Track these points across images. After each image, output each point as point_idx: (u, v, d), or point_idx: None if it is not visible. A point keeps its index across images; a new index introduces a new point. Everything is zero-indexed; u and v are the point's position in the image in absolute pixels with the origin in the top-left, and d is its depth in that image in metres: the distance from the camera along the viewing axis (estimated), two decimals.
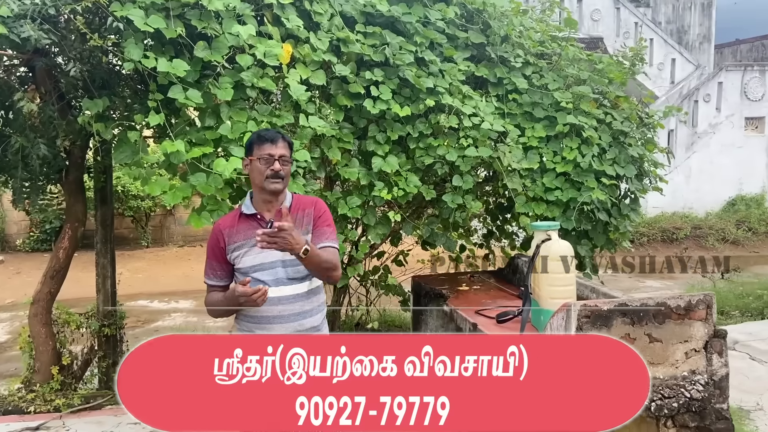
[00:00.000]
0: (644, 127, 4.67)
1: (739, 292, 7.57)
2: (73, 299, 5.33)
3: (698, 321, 2.58)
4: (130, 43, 3.07)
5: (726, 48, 20.59)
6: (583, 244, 4.34)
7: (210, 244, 2.47)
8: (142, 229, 12.44)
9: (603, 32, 14.01)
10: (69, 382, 4.43)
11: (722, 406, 2.59)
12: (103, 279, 4.70)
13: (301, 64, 3.60)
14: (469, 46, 4.37)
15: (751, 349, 5.52)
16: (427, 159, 3.95)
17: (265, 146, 2.38)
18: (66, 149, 4.04)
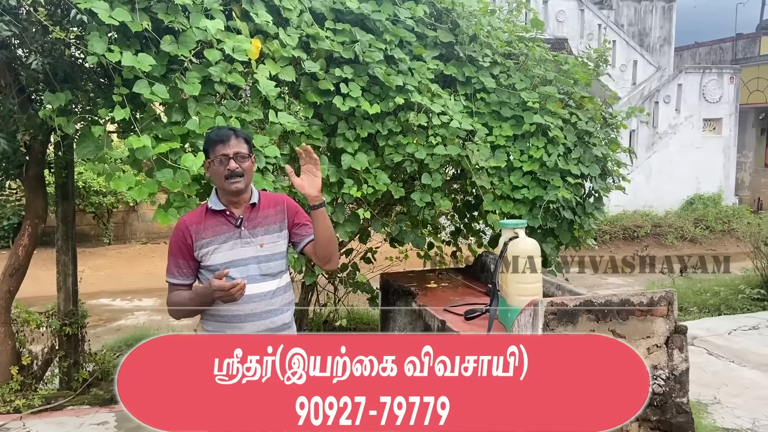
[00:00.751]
0: (608, 127, 4.77)
1: (697, 289, 7.80)
2: (33, 298, 5.19)
3: (660, 317, 2.65)
4: (93, 36, 3.00)
5: (685, 51, 21.12)
6: (549, 241, 4.42)
7: (174, 241, 2.39)
8: (104, 225, 12.17)
9: (568, 33, 14.22)
10: (29, 383, 4.32)
11: (682, 400, 2.67)
12: (64, 277, 4.58)
13: (270, 60, 3.57)
14: (438, 44, 4.40)
15: (708, 345, 5.69)
16: (397, 157, 3.97)
17: (217, 147, 2.33)
18: (26, 144, 3.93)
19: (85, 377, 4.54)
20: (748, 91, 16.95)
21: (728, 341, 5.80)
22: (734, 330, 6.13)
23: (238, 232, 2.36)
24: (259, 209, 2.42)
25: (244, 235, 2.36)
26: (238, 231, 2.36)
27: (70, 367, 4.54)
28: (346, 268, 5.20)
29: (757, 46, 18.73)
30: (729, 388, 4.69)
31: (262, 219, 2.41)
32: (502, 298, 3.27)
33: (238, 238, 2.36)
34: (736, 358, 5.35)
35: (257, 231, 2.38)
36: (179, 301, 2.38)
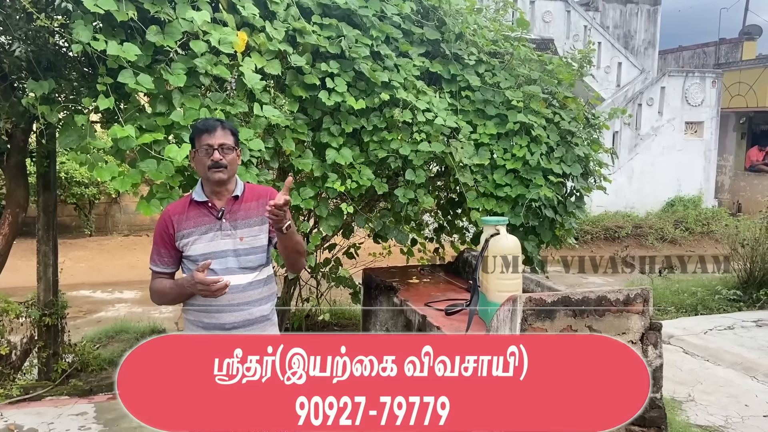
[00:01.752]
0: (590, 127, 4.83)
1: (675, 289, 7.91)
2: (11, 288, 5.14)
3: (636, 314, 2.70)
4: (79, 25, 2.99)
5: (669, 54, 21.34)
6: (530, 239, 4.46)
7: (158, 230, 2.42)
8: (85, 217, 12.05)
9: (554, 34, 14.31)
10: (7, 373, 4.30)
11: (656, 396, 2.72)
12: (44, 267, 4.55)
13: (256, 53, 3.58)
14: (424, 42, 4.42)
15: (684, 343, 5.79)
16: (381, 152, 3.99)
17: (203, 137, 2.35)
18: (8, 132, 3.89)
19: (64, 368, 4.52)
20: (730, 95, 17.18)
21: (704, 340, 5.90)
22: (710, 330, 6.24)
23: (219, 224, 2.37)
24: (241, 202, 2.42)
25: (225, 227, 2.37)
26: (219, 223, 2.37)
27: (49, 357, 4.52)
28: (329, 262, 5.22)
29: (739, 51, 18.98)
30: (703, 386, 4.78)
31: (244, 212, 2.41)
32: (482, 294, 3.31)
33: (218, 230, 2.37)
34: (711, 357, 5.45)
35: (238, 224, 2.39)
36: (161, 289, 2.41)
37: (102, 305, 8.02)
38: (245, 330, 2.38)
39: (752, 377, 5.00)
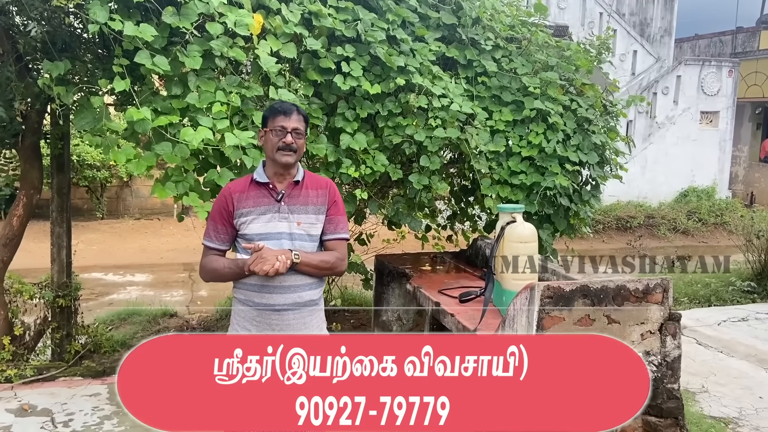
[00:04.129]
0: (608, 115, 4.77)
1: (688, 280, 7.85)
2: (25, 269, 5.17)
3: (655, 304, 2.67)
4: (95, 5, 2.96)
5: (685, 42, 21.09)
6: (545, 228, 4.43)
7: (217, 206, 2.44)
8: (97, 200, 12.11)
9: (569, 21, 14.14)
10: (21, 353, 4.32)
11: (674, 386, 2.70)
12: (58, 249, 4.56)
13: (272, 36, 3.54)
14: (440, 26, 4.37)
15: (698, 335, 5.74)
16: (396, 138, 3.95)
17: (278, 118, 2.37)
18: (23, 113, 3.89)
19: (77, 349, 4.54)
20: (746, 85, 16.98)
21: (717, 332, 5.86)
22: (724, 321, 6.19)
23: (277, 206, 2.40)
24: (301, 188, 2.44)
25: (283, 210, 2.40)
26: (278, 205, 2.40)
27: (63, 338, 4.54)
28: None
29: (756, 41, 18.72)
30: (717, 378, 4.75)
31: (303, 198, 2.43)
32: (497, 282, 3.29)
33: (276, 212, 2.39)
34: (724, 349, 5.41)
35: (296, 208, 2.41)
36: (217, 267, 2.42)
37: (114, 288, 8.07)
38: (294, 312, 2.40)
39: (766, 369, 4.95)
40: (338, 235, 2.48)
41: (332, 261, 2.45)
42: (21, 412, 3.76)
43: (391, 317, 4.50)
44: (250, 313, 2.41)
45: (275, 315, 2.37)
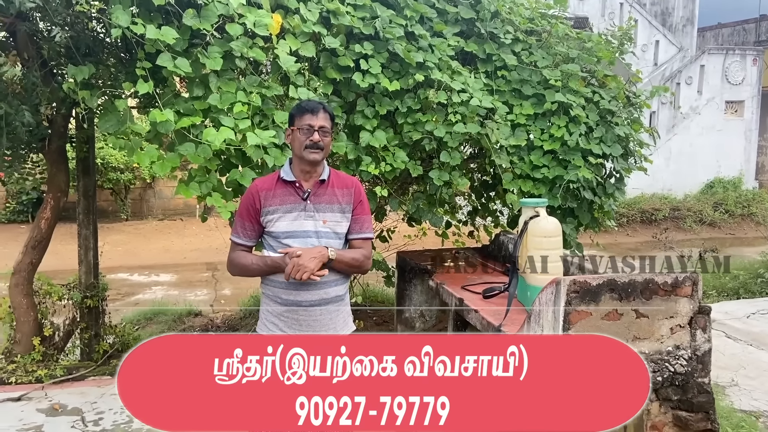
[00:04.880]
0: (631, 106, 4.70)
1: (716, 273, 7.73)
2: (53, 271, 5.26)
3: (684, 297, 2.63)
4: (117, 9, 3.00)
5: (708, 31, 20.72)
6: (569, 222, 4.38)
7: (244, 204, 2.48)
8: (121, 201, 12.29)
9: (588, 12, 13.99)
10: (51, 353, 4.40)
11: (704, 381, 2.65)
12: (85, 250, 4.64)
13: (291, 35, 3.55)
14: (458, 21, 4.34)
15: (727, 328, 5.65)
16: (415, 134, 3.94)
17: (305, 117, 2.40)
18: (49, 117, 3.95)
19: (105, 349, 4.61)
20: None
21: (746, 324, 5.76)
22: (753, 314, 6.08)
23: (303, 204, 2.42)
24: (327, 186, 2.47)
25: (309, 208, 2.42)
26: (304, 204, 2.42)
27: (91, 338, 4.62)
28: None
29: None
30: (747, 371, 4.67)
31: (329, 196, 2.46)
32: (521, 277, 3.26)
33: (302, 210, 2.42)
34: (754, 342, 5.31)
35: (321, 207, 2.44)
36: (244, 263, 2.46)
37: (139, 288, 8.18)
38: (321, 308, 2.42)
39: None
40: (364, 235, 2.51)
41: (361, 259, 2.47)
42: (52, 411, 3.83)
43: (413, 314, 4.50)
44: (278, 309, 2.43)
45: (303, 311, 2.40)
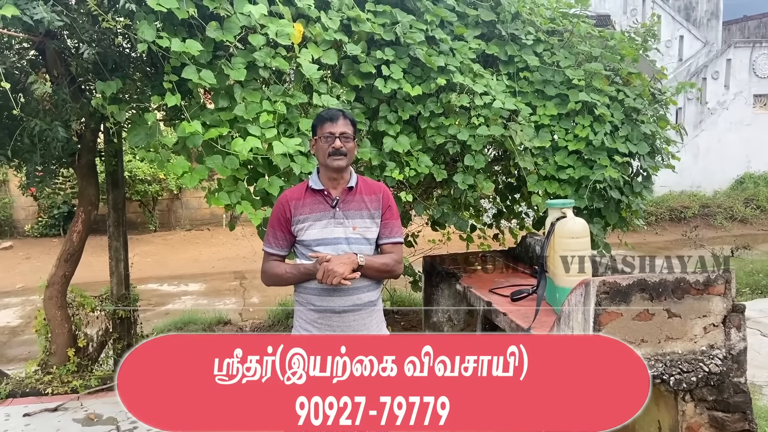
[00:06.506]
0: (656, 103, 4.64)
1: (749, 270, 7.57)
2: (85, 283, 5.36)
3: (717, 296, 2.58)
4: (143, 24, 3.06)
5: (734, 25, 20.35)
6: (596, 222, 4.33)
7: (275, 214, 2.52)
8: (149, 213, 12.48)
9: (610, 9, 13.85)
10: (85, 364, 4.48)
11: (740, 380, 2.60)
12: (116, 262, 4.72)
13: (313, 44, 3.58)
14: (479, 23, 4.34)
15: (761, 326, 5.53)
16: (439, 138, 3.94)
17: (325, 125, 2.44)
18: (78, 133, 4.04)
19: None
20: None
21: None
22: None
23: (332, 212, 2.46)
24: (355, 193, 2.50)
25: (338, 215, 2.45)
26: (333, 211, 2.46)
27: (124, 348, 4.68)
28: None
29: None
30: None
31: (358, 203, 2.48)
32: (549, 279, 3.24)
33: (332, 217, 2.45)
34: None
35: (351, 213, 2.47)
36: (278, 272, 2.50)
37: (169, 298, 8.29)
38: (353, 314, 2.44)
39: None
40: (394, 239, 2.52)
41: (392, 264, 2.49)
42: (87, 421, 3.89)
43: (441, 318, 4.49)
44: (312, 315, 2.46)
45: (336, 317, 2.42)
